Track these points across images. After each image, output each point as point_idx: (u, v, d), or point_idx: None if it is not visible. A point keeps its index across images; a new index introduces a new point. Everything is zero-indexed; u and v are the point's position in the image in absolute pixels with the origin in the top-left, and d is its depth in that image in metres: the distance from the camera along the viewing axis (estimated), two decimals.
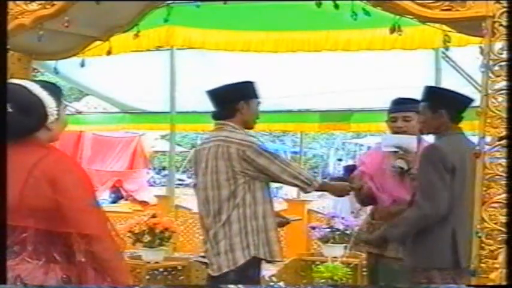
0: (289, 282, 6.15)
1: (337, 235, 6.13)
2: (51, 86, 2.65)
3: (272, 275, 5.98)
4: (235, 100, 3.90)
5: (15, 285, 2.48)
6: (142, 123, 11.09)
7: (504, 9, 2.90)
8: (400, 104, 4.22)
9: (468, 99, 3.71)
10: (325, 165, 27.80)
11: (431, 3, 3.05)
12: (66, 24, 3.69)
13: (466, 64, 7.14)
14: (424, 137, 4.26)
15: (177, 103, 8.06)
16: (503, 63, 2.88)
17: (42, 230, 2.50)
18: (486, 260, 2.92)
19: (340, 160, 26.42)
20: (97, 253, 2.50)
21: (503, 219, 2.86)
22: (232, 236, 3.79)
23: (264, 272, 5.06)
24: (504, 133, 2.86)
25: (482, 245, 2.93)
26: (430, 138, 4.48)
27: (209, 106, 4.08)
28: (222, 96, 3.95)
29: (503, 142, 2.87)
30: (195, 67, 8.17)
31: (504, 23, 2.90)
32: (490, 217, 2.90)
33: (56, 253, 2.53)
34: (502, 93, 2.88)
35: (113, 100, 10.52)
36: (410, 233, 3.67)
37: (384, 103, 4.35)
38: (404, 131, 4.17)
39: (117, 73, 8.63)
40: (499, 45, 2.91)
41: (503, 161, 2.87)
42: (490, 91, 2.91)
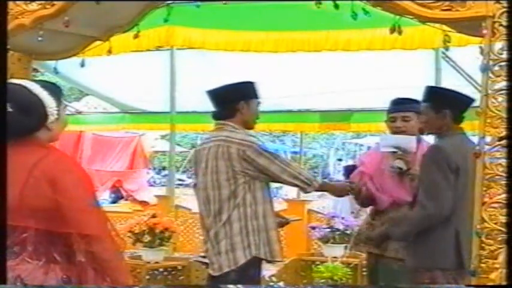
0: (289, 282, 6.15)
1: (337, 235, 6.13)
2: (51, 86, 2.65)
3: (272, 275, 5.98)
4: (235, 100, 3.90)
5: (15, 285, 2.48)
6: (142, 123, 11.09)
7: (504, 9, 2.90)
8: (399, 104, 4.22)
9: (470, 99, 3.71)
10: (325, 165, 27.78)
11: (431, 3, 3.05)
12: (66, 24, 3.69)
13: (466, 64, 7.14)
14: (424, 137, 4.27)
15: (177, 103, 8.06)
16: (503, 63, 2.89)
17: (42, 230, 2.50)
18: (486, 260, 2.92)
19: (340, 160, 26.41)
20: (97, 253, 2.49)
21: (503, 219, 2.86)
22: (233, 236, 3.79)
23: (264, 272, 5.06)
24: (504, 133, 2.86)
25: (482, 245, 2.93)
26: (430, 138, 4.49)
27: (209, 106, 4.07)
28: (222, 96, 3.94)
29: (503, 142, 2.87)
30: (195, 67, 8.17)
31: (504, 23, 2.90)
32: (490, 217, 2.90)
33: (56, 253, 2.52)
34: (502, 93, 2.88)
35: (113, 100, 10.53)
36: (412, 233, 3.67)
37: (384, 103, 4.35)
38: (403, 131, 4.17)
39: (117, 73, 8.63)
40: (499, 45, 2.91)
41: (503, 161, 2.87)
42: (490, 91, 2.91)
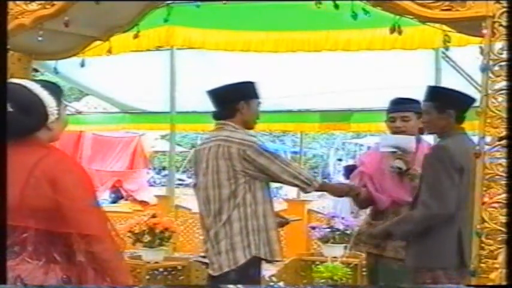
0: (289, 282, 6.15)
1: (337, 235, 6.14)
2: (51, 86, 2.65)
3: (272, 275, 5.98)
4: (235, 100, 3.90)
5: (15, 285, 2.47)
6: (142, 123, 11.09)
7: (504, 9, 2.90)
8: (399, 104, 4.22)
9: (472, 99, 3.71)
10: (325, 165, 27.75)
11: (431, 3, 3.05)
12: (66, 24, 3.69)
13: (466, 64, 7.14)
14: (423, 137, 4.27)
15: (177, 103, 8.06)
16: (503, 63, 2.89)
17: (42, 230, 2.50)
18: (486, 260, 2.92)
19: (340, 160, 26.41)
20: (97, 253, 2.49)
21: (503, 219, 2.86)
22: (233, 236, 3.79)
23: (264, 272, 5.06)
24: (504, 133, 2.87)
25: (482, 245, 2.93)
26: (429, 138, 4.49)
27: (209, 106, 4.07)
28: (223, 96, 3.94)
29: (503, 142, 2.87)
30: (195, 67, 8.17)
31: (504, 23, 2.90)
32: (490, 217, 2.90)
33: (56, 253, 2.52)
34: (502, 93, 2.89)
35: (113, 100, 10.53)
36: (414, 232, 3.66)
37: (384, 103, 4.35)
38: (403, 131, 4.17)
39: (117, 73, 8.62)
40: (499, 45, 2.91)
41: (503, 161, 2.87)
42: (490, 91, 2.91)
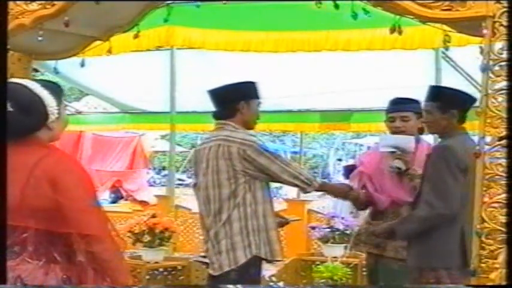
0: (289, 282, 6.15)
1: (337, 235, 6.14)
2: (51, 85, 2.64)
3: (272, 275, 5.98)
4: (235, 100, 3.90)
5: (15, 285, 2.47)
6: (142, 123, 11.08)
7: (504, 9, 2.90)
8: (398, 104, 4.22)
9: (473, 98, 3.70)
10: (325, 165, 27.73)
11: (431, 3, 3.05)
12: (66, 24, 3.69)
13: (466, 64, 7.14)
14: (423, 137, 4.27)
15: (177, 103, 8.06)
16: (503, 63, 2.89)
17: (42, 230, 2.50)
18: (486, 260, 2.92)
19: (340, 160, 26.39)
20: (97, 253, 2.49)
21: (503, 219, 2.86)
22: (233, 235, 3.79)
23: (264, 272, 5.06)
24: (504, 133, 2.87)
25: (482, 245, 2.93)
26: (428, 138, 4.49)
27: (209, 106, 4.07)
28: (223, 95, 3.94)
29: (503, 142, 2.87)
30: (195, 67, 8.17)
31: (504, 23, 2.90)
32: (490, 217, 2.90)
33: (56, 253, 2.52)
34: (502, 93, 2.89)
35: (113, 100, 10.52)
36: (418, 231, 3.66)
37: (384, 103, 4.35)
38: (402, 131, 4.17)
39: (117, 73, 8.62)
40: (499, 45, 2.91)
41: (503, 161, 2.87)
42: (490, 91, 2.91)
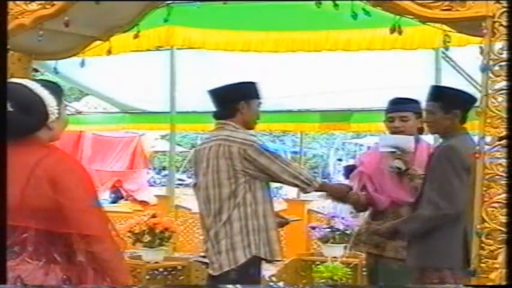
0: (289, 282, 6.15)
1: (337, 235, 6.14)
2: (52, 85, 2.64)
3: (272, 275, 5.98)
4: (236, 100, 3.90)
5: (15, 285, 2.47)
6: (142, 123, 11.08)
7: (504, 9, 2.90)
8: (397, 104, 4.22)
9: (475, 98, 3.70)
10: (325, 165, 27.72)
11: (431, 3, 3.05)
12: (66, 24, 3.68)
13: (466, 64, 7.14)
14: (422, 137, 4.27)
15: (177, 103, 8.05)
16: (503, 63, 2.88)
17: (42, 231, 2.49)
18: (486, 260, 2.92)
19: (340, 160, 26.39)
20: (97, 253, 2.49)
21: (503, 219, 2.86)
22: (233, 235, 3.79)
23: (264, 272, 5.06)
24: (504, 133, 2.86)
25: (482, 245, 2.93)
26: (428, 138, 4.49)
27: (209, 106, 4.07)
28: (223, 95, 3.95)
29: (503, 142, 2.87)
30: (195, 67, 8.17)
31: (504, 23, 2.89)
32: (490, 217, 2.90)
33: (57, 254, 2.52)
34: (502, 93, 2.88)
35: (113, 100, 10.52)
36: (422, 231, 3.66)
37: (384, 103, 4.35)
38: (401, 131, 4.17)
39: (117, 73, 8.62)
40: (499, 45, 2.91)
41: (503, 161, 2.87)
42: (490, 91, 2.91)
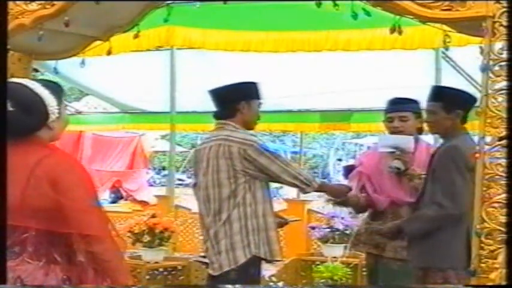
0: (289, 282, 6.15)
1: (337, 235, 6.14)
2: (52, 85, 2.64)
3: (272, 275, 5.98)
4: (236, 100, 3.91)
5: (15, 285, 2.47)
6: (142, 123, 11.09)
7: (504, 9, 2.90)
8: (397, 104, 4.21)
9: (475, 99, 3.70)
10: (325, 165, 27.73)
11: (431, 3, 3.05)
12: (66, 24, 3.68)
13: (466, 64, 7.14)
14: (422, 137, 4.27)
15: (177, 103, 8.06)
16: (503, 63, 2.88)
17: (43, 231, 2.49)
18: (486, 260, 2.92)
19: (340, 160, 26.39)
20: (97, 253, 2.49)
21: (503, 219, 2.86)
22: (232, 235, 3.79)
23: (264, 272, 5.06)
24: (504, 133, 2.86)
25: (482, 245, 2.93)
26: (428, 138, 4.48)
27: (209, 106, 4.08)
28: (224, 95, 3.95)
29: (503, 142, 2.87)
30: (195, 67, 8.17)
31: (504, 23, 2.89)
32: (490, 217, 2.90)
33: (57, 254, 2.52)
34: (502, 93, 2.88)
35: (113, 100, 10.53)
36: (426, 231, 3.65)
37: (384, 103, 4.35)
38: (401, 131, 4.16)
39: (117, 73, 8.62)
40: (499, 45, 2.91)
41: (503, 161, 2.87)
42: (490, 91, 2.91)
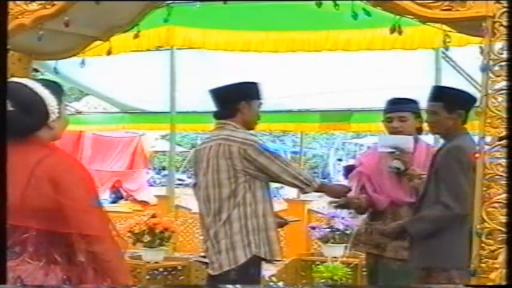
0: (289, 282, 6.15)
1: (337, 235, 6.14)
2: (52, 85, 2.64)
3: (272, 275, 5.98)
4: (236, 100, 3.91)
5: (15, 286, 2.47)
6: (142, 123, 11.08)
7: (504, 9, 2.90)
8: (396, 104, 4.22)
9: (475, 99, 3.70)
10: (325, 165, 27.73)
11: (431, 3, 3.05)
12: (66, 24, 3.68)
13: (466, 64, 7.14)
14: (421, 137, 4.27)
15: (177, 103, 8.06)
16: (503, 63, 2.88)
17: (43, 231, 2.49)
18: (486, 260, 2.92)
19: (340, 160, 26.41)
20: (98, 254, 2.49)
21: (503, 219, 2.86)
22: (233, 235, 3.79)
23: (264, 272, 5.06)
24: (504, 133, 2.86)
25: (482, 245, 2.93)
26: (428, 138, 4.48)
27: (209, 106, 4.08)
28: (224, 95, 3.95)
29: (503, 142, 2.87)
30: (195, 67, 8.17)
31: (504, 23, 2.89)
32: (490, 217, 2.90)
33: (57, 254, 2.52)
34: (502, 93, 2.88)
35: (113, 100, 10.52)
36: (430, 231, 3.65)
37: (384, 103, 4.36)
38: (400, 131, 4.16)
39: (117, 73, 8.62)
40: (499, 45, 2.91)
41: (503, 161, 2.87)
42: (490, 91, 2.91)
